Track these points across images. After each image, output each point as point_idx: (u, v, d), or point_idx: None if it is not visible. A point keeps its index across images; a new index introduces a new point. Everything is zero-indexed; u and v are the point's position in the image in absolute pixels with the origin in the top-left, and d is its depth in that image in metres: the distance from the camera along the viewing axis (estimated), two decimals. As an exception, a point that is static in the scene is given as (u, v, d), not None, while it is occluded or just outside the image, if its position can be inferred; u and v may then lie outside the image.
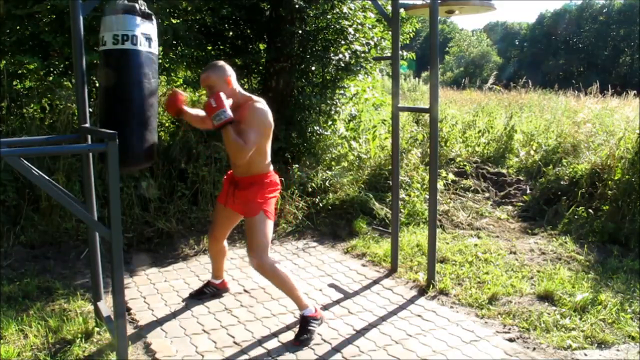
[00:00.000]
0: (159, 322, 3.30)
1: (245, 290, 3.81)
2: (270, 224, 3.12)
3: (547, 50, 48.12)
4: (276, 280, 3.09)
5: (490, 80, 12.80)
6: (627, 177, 5.21)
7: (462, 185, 6.46)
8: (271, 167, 3.22)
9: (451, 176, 6.48)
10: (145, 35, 2.77)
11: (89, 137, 2.94)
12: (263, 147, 3.07)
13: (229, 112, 2.81)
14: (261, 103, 3.06)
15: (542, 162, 6.77)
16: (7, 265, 4.08)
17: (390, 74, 5.30)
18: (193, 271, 4.18)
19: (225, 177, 3.42)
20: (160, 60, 5.39)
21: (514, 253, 4.67)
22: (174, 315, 3.41)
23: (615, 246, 4.76)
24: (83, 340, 3.01)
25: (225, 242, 3.54)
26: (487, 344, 3.09)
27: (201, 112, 3.38)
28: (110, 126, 2.65)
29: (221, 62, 3.07)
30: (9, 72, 4.94)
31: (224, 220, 3.40)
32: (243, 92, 3.13)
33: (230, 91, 3.01)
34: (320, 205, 5.47)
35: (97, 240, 3.16)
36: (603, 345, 3.11)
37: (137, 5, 2.78)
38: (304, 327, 3.10)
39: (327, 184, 5.73)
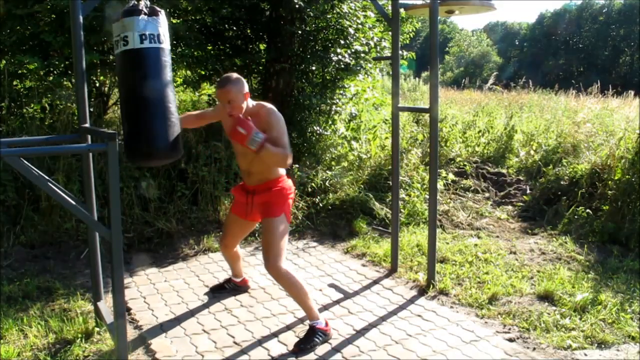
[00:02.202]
0: (159, 322, 3.30)
1: (246, 290, 3.81)
2: (287, 228, 3.12)
3: (547, 50, 48.09)
4: (290, 287, 3.04)
5: (491, 81, 12.81)
6: (627, 177, 5.21)
7: (462, 185, 6.46)
8: (283, 172, 3.20)
9: (451, 176, 6.48)
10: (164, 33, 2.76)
11: (89, 137, 2.94)
12: None
13: (261, 133, 2.80)
14: (273, 106, 3.05)
15: (542, 162, 6.77)
16: (7, 265, 4.08)
17: (390, 73, 5.30)
18: (193, 271, 4.18)
19: (234, 188, 3.40)
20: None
21: (514, 253, 4.67)
22: (174, 315, 3.41)
23: (615, 246, 4.76)
24: (83, 340, 3.01)
25: (237, 247, 3.59)
26: (487, 344, 3.09)
27: (192, 112, 3.46)
28: (135, 121, 2.65)
29: (237, 75, 3.02)
30: (9, 72, 4.94)
31: (237, 231, 3.44)
32: (252, 101, 3.12)
33: (246, 104, 3.01)
34: (320, 205, 5.47)
35: (97, 240, 3.16)
36: (603, 345, 3.11)
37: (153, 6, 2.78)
38: (310, 336, 3.01)
39: (327, 184, 5.73)
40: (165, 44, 2.72)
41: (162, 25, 2.73)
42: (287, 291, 3.11)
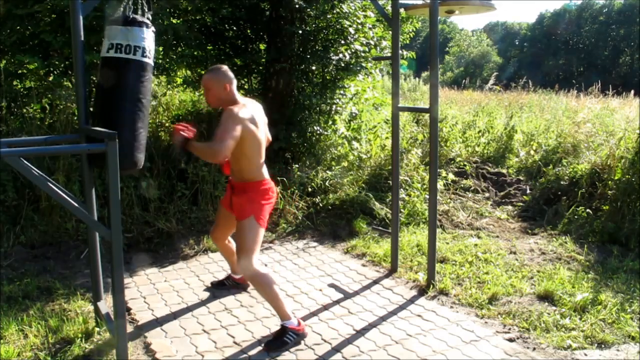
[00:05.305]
0: (159, 322, 3.30)
1: (246, 290, 3.81)
2: (260, 230, 3.10)
3: (547, 50, 48.12)
4: (259, 287, 3.03)
5: (491, 81, 12.80)
6: (627, 177, 5.20)
7: (462, 185, 6.46)
8: (266, 175, 3.20)
9: (451, 176, 6.48)
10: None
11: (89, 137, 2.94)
12: (248, 153, 3.04)
13: (179, 139, 2.93)
14: (237, 107, 3.00)
15: (542, 162, 6.77)
16: (7, 265, 4.08)
17: (390, 73, 5.30)
18: (193, 271, 4.18)
19: (229, 180, 3.46)
20: (160, 61, 5.39)
21: (514, 253, 4.67)
22: (174, 315, 3.41)
23: (615, 246, 4.76)
24: (83, 340, 3.01)
25: (229, 240, 3.61)
26: (487, 344, 3.09)
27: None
28: (112, 127, 2.70)
29: (224, 67, 3.11)
30: (9, 72, 4.94)
31: (222, 222, 3.48)
32: (239, 98, 3.12)
33: (226, 96, 3.07)
34: (320, 205, 5.46)
35: (97, 240, 3.16)
36: (603, 345, 3.11)
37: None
38: (280, 336, 3.02)
39: (327, 184, 5.73)
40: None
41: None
42: (257, 290, 3.09)
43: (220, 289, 3.80)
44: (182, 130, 2.94)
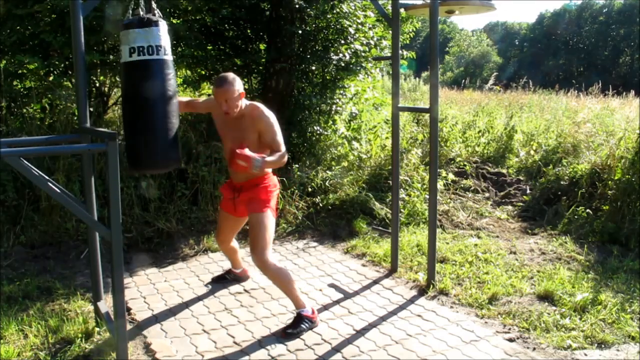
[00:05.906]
0: (159, 322, 3.30)
1: (245, 290, 3.81)
2: (273, 222, 3.24)
3: (547, 50, 48.10)
4: (276, 277, 3.16)
5: (491, 81, 12.81)
6: (627, 177, 5.20)
7: (462, 185, 6.46)
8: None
9: (451, 176, 6.48)
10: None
11: (89, 137, 2.94)
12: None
13: (258, 157, 2.95)
14: (265, 107, 3.19)
15: (542, 162, 6.77)
16: (7, 265, 4.08)
17: (390, 73, 5.29)
18: (193, 271, 4.18)
19: (222, 186, 3.54)
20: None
21: (514, 253, 4.67)
22: (174, 315, 3.41)
23: (615, 246, 4.76)
24: (83, 340, 3.01)
25: (234, 241, 3.72)
26: (487, 344, 3.09)
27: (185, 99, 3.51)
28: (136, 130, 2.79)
29: (233, 75, 3.12)
30: (9, 72, 4.94)
31: (225, 225, 3.56)
32: (246, 101, 3.24)
33: (239, 102, 3.13)
34: (320, 205, 5.46)
35: (97, 240, 3.16)
36: (603, 345, 3.11)
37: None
38: (297, 322, 3.18)
39: (327, 184, 5.73)
40: None
41: None
42: (273, 282, 3.21)
43: (222, 283, 3.89)
44: (247, 156, 2.92)
